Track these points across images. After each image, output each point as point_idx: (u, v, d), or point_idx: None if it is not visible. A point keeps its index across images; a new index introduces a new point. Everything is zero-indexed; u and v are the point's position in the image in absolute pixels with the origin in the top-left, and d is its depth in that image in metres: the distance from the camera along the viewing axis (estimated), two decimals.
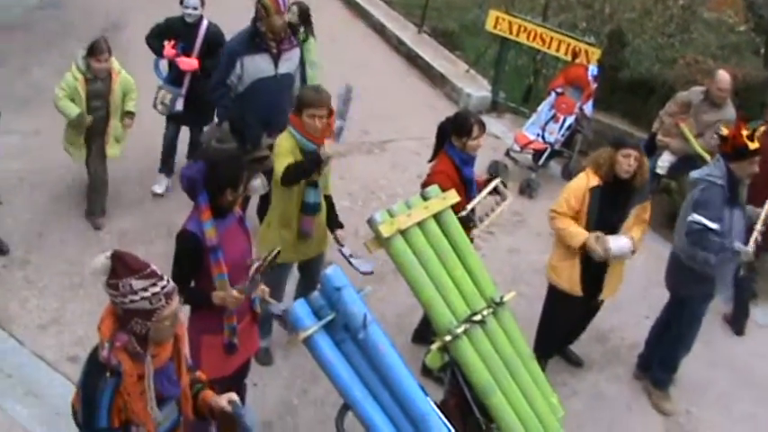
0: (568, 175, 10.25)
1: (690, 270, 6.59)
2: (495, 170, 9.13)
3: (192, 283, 5.24)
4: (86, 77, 7.85)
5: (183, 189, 5.10)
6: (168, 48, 8.34)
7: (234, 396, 4.34)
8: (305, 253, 6.56)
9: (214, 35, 8.45)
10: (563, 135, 10.08)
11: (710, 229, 6.38)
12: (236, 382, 5.79)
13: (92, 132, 8.07)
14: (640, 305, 7.96)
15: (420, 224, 5.26)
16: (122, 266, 3.80)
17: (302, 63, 7.81)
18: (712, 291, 6.72)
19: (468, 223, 6.13)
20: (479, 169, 6.91)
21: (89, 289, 7.02)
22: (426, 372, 6.59)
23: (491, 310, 5.37)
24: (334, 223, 6.62)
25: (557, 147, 10.10)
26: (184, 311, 4.86)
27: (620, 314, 7.32)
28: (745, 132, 6.40)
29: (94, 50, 7.77)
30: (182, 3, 8.41)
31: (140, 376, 3.94)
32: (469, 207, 6.26)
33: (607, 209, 6.49)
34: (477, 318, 5.25)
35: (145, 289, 3.79)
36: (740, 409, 7.37)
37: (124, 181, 8.75)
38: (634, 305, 7.84)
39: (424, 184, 6.26)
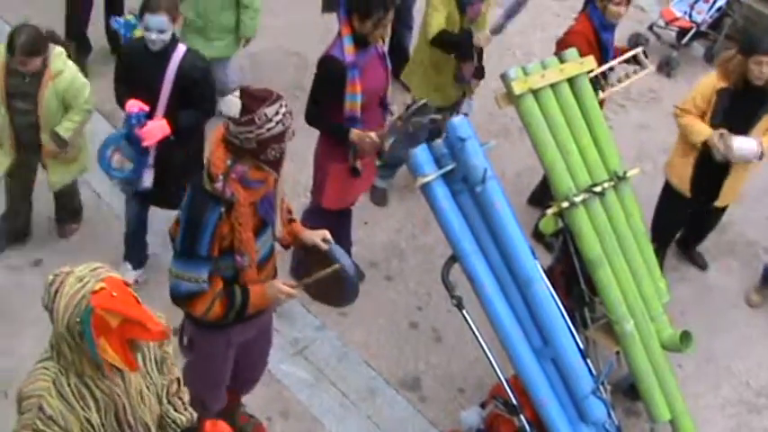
0: (711, 58, 9.88)
1: None
2: (635, 42, 8.90)
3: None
4: (8, 66, 5.65)
5: None
6: (131, 105, 5.45)
7: (327, 234, 4.41)
8: (449, 97, 6.56)
9: (190, 71, 5.54)
10: (711, 16, 9.66)
11: None
12: (347, 215, 5.92)
13: (18, 141, 5.92)
14: (764, 206, 7.71)
15: (553, 86, 5.14)
16: (256, 98, 3.80)
17: None
18: None
19: (596, 85, 5.96)
20: (620, 41, 6.68)
21: None
22: (538, 235, 6.54)
23: (612, 183, 5.27)
24: (477, 72, 6.60)
25: (703, 27, 9.69)
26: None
27: (743, 209, 7.12)
28: None
29: (13, 46, 5.46)
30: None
31: (252, 203, 4.01)
32: (604, 67, 6.06)
33: (734, 113, 6.12)
34: (598, 189, 5.16)
35: (277, 113, 3.80)
36: None
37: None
38: (759, 204, 7.61)
39: (560, 42, 6.17)
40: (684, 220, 6.92)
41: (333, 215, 5.83)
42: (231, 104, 3.80)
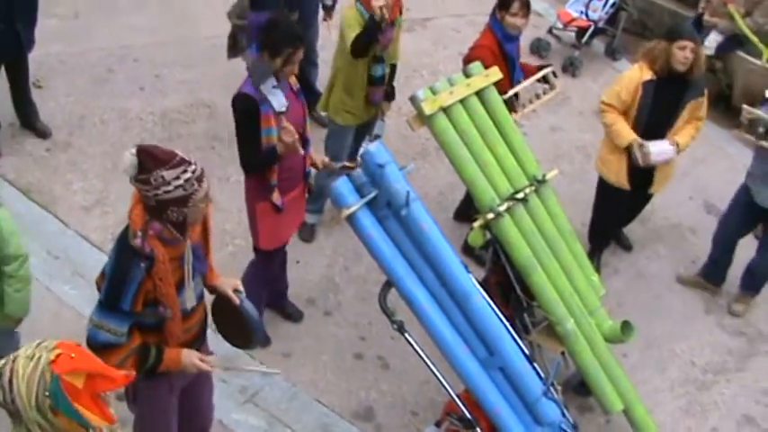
0: (612, 53, 10.14)
1: None
2: (537, 47, 9.07)
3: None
4: None
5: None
6: None
7: (239, 285, 4.43)
8: (364, 117, 6.65)
9: None
10: (607, 12, 9.86)
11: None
12: (283, 255, 5.96)
13: None
14: (683, 185, 7.90)
15: (463, 101, 5.20)
16: (151, 160, 3.77)
17: None
18: None
19: (509, 108, 6.07)
20: (522, 47, 6.80)
21: None
22: (468, 250, 6.62)
23: (533, 187, 5.34)
24: (387, 94, 6.70)
25: (600, 24, 9.89)
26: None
27: (663, 193, 7.25)
28: None
29: None
30: None
31: (172, 259, 3.98)
32: (513, 91, 6.19)
33: (660, 104, 6.30)
34: (520, 196, 5.23)
35: (177, 177, 3.78)
36: None
37: (165, 63, 8.71)
38: (677, 185, 7.76)
39: (466, 58, 6.25)
40: (621, 214, 7.05)
41: (274, 261, 5.88)
42: (125, 161, 3.81)
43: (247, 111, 5.17)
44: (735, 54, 9.16)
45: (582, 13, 9.86)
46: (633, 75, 6.37)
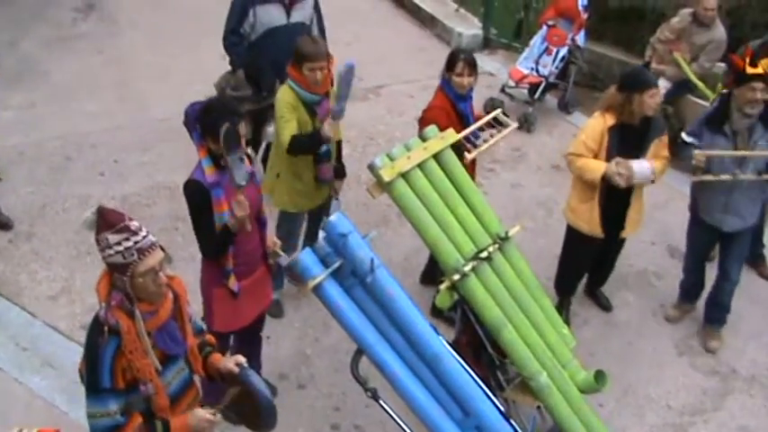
0: (565, 106, 10.30)
1: None
2: (491, 107, 9.18)
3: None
4: None
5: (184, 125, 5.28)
6: None
7: (241, 358, 4.42)
8: (315, 200, 6.65)
9: None
10: (557, 67, 10.04)
11: (687, 143, 6.53)
12: (252, 335, 5.91)
13: None
14: (645, 231, 7.98)
15: (420, 165, 5.24)
16: (102, 221, 3.88)
17: (319, 12, 7.85)
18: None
19: (462, 149, 6.11)
20: (477, 107, 6.91)
21: (96, 256, 6.97)
22: (436, 312, 6.63)
23: (497, 245, 5.37)
24: (337, 172, 6.69)
25: (551, 79, 10.06)
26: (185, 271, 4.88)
27: (627, 241, 7.31)
28: (747, 58, 6.26)
29: None
30: None
31: (148, 333, 3.99)
32: (464, 132, 6.20)
33: (626, 146, 6.41)
34: (484, 254, 5.25)
35: (118, 243, 3.85)
36: (749, 326, 7.48)
37: (123, 147, 8.75)
38: (640, 231, 7.83)
39: (420, 120, 6.32)
40: (591, 263, 7.10)
41: (226, 342, 5.81)
42: (85, 218, 3.87)
43: (197, 198, 5.18)
44: (684, 98, 9.34)
45: (532, 69, 10.02)
46: (597, 123, 6.48)
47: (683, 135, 6.62)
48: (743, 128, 6.41)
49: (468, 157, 6.15)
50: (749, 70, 6.23)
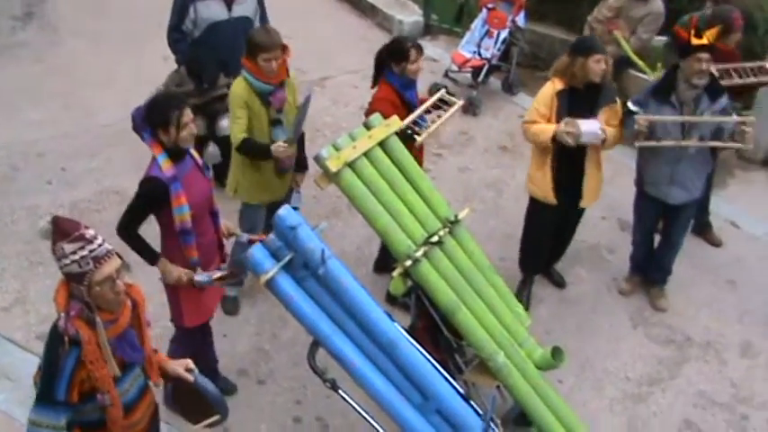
0: (509, 88, 10.37)
1: None
2: (435, 92, 9.20)
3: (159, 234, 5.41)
4: None
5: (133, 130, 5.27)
6: None
7: (191, 363, 4.46)
8: (276, 192, 6.63)
9: None
10: (499, 49, 10.09)
11: (633, 112, 6.59)
12: (207, 328, 6.01)
13: None
14: (595, 206, 8.03)
15: (366, 154, 5.26)
16: (57, 231, 3.87)
17: (262, 6, 7.85)
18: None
19: (411, 135, 6.14)
20: (421, 94, 6.92)
21: (48, 266, 6.95)
22: (392, 299, 6.67)
23: (447, 229, 5.40)
24: (299, 164, 6.70)
25: (494, 62, 10.12)
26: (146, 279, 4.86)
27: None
28: (692, 30, 6.34)
29: None
30: None
31: (108, 342, 3.97)
32: (410, 118, 6.23)
33: (575, 111, 6.47)
34: (435, 239, 5.28)
35: (74, 252, 3.83)
36: (701, 294, 7.59)
37: (70, 155, 8.68)
38: (589, 207, 7.92)
39: (368, 113, 6.29)
40: (554, 230, 7.11)
41: (197, 336, 5.85)
42: (41, 229, 3.87)
43: (154, 194, 5.20)
44: (625, 73, 9.42)
45: (475, 53, 10.06)
46: (547, 88, 6.59)
47: (629, 104, 6.70)
48: (689, 99, 6.50)
49: (419, 140, 6.19)
50: (694, 41, 6.30)
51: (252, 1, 7.69)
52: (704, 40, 6.32)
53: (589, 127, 6.42)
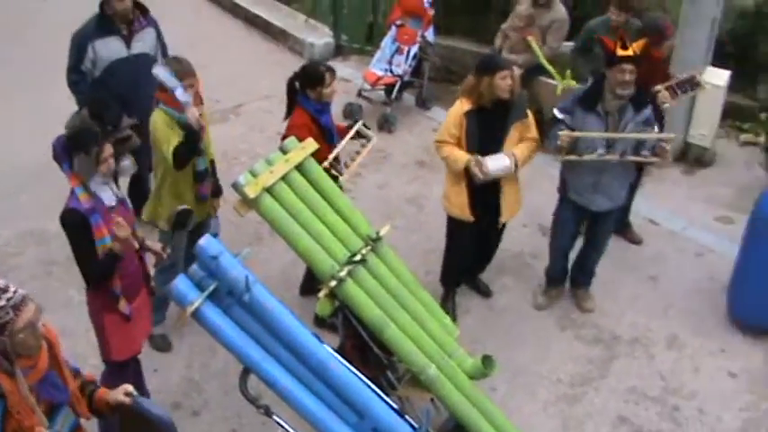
0: (422, 103, 10.46)
1: None
2: (349, 112, 9.26)
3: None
4: None
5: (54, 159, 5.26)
6: None
7: (130, 388, 4.40)
8: (197, 220, 6.58)
9: None
10: (410, 65, 10.17)
11: (559, 120, 6.66)
12: (136, 362, 5.95)
13: None
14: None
15: (284, 178, 5.26)
16: None
17: (162, 42, 7.79)
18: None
19: (333, 172, 6.21)
20: (335, 114, 6.96)
21: None
22: (320, 321, 6.65)
23: (369, 247, 5.42)
24: (214, 190, 6.71)
25: (406, 78, 10.19)
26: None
27: None
28: (618, 41, 6.41)
29: None
30: None
31: (30, 390, 3.92)
32: (332, 156, 6.32)
33: (486, 130, 6.53)
34: (358, 257, 5.30)
35: None
36: (625, 292, 7.72)
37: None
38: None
39: (284, 139, 6.30)
40: (474, 245, 7.17)
41: (128, 371, 5.81)
42: None
43: (77, 225, 5.18)
44: (537, 80, 9.55)
45: (386, 70, 10.13)
46: (455, 109, 6.62)
47: (555, 111, 6.76)
48: (614, 109, 6.58)
49: (342, 180, 6.27)
50: (619, 52, 6.38)
51: (151, 36, 7.62)
52: (629, 52, 6.39)
53: (496, 165, 6.52)
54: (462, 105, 6.58)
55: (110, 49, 7.39)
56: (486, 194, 6.73)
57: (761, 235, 7.01)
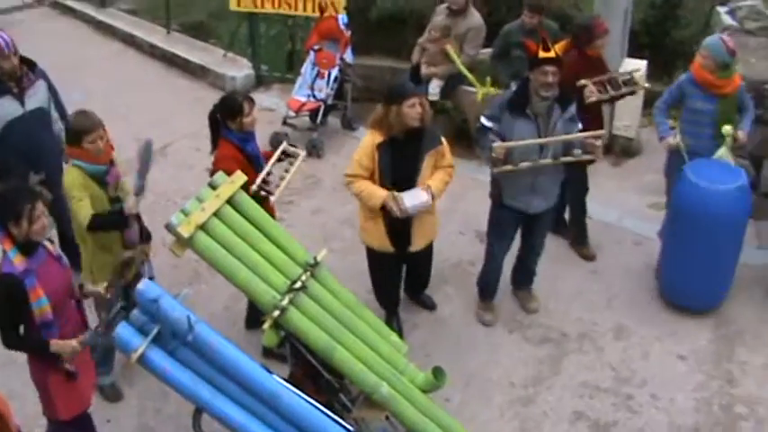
0: (348, 124, 10.52)
1: None
2: (277, 142, 9.28)
3: (22, 331, 5.21)
4: None
5: None
6: None
7: None
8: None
9: None
10: (332, 89, 10.22)
11: (487, 128, 6.68)
12: (88, 419, 5.82)
13: None
14: (451, 223, 8.20)
15: (216, 213, 5.26)
16: None
17: (55, 94, 7.66)
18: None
19: (263, 195, 6.19)
20: (262, 144, 6.95)
21: None
22: (268, 352, 6.62)
23: (308, 273, 5.42)
24: (142, 235, 6.60)
25: (329, 101, 10.24)
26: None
27: (435, 237, 7.51)
28: (540, 44, 6.45)
29: None
30: None
31: None
32: (260, 178, 6.29)
33: (399, 161, 6.47)
34: (298, 285, 5.30)
35: None
36: (568, 288, 7.81)
37: None
38: (446, 224, 8.05)
39: (212, 173, 6.27)
40: (399, 273, 7.19)
41: (78, 429, 5.72)
42: None
43: (12, 293, 5.05)
44: (458, 89, 9.65)
45: (309, 96, 10.17)
46: (367, 141, 6.52)
47: (482, 119, 6.76)
48: (542, 110, 6.62)
49: (274, 198, 6.25)
50: (541, 54, 6.43)
51: (42, 89, 7.46)
52: (551, 54, 6.44)
53: (413, 201, 6.45)
54: (374, 137, 6.47)
55: (4, 108, 7.21)
56: (401, 225, 6.66)
57: (679, 221, 7.24)
